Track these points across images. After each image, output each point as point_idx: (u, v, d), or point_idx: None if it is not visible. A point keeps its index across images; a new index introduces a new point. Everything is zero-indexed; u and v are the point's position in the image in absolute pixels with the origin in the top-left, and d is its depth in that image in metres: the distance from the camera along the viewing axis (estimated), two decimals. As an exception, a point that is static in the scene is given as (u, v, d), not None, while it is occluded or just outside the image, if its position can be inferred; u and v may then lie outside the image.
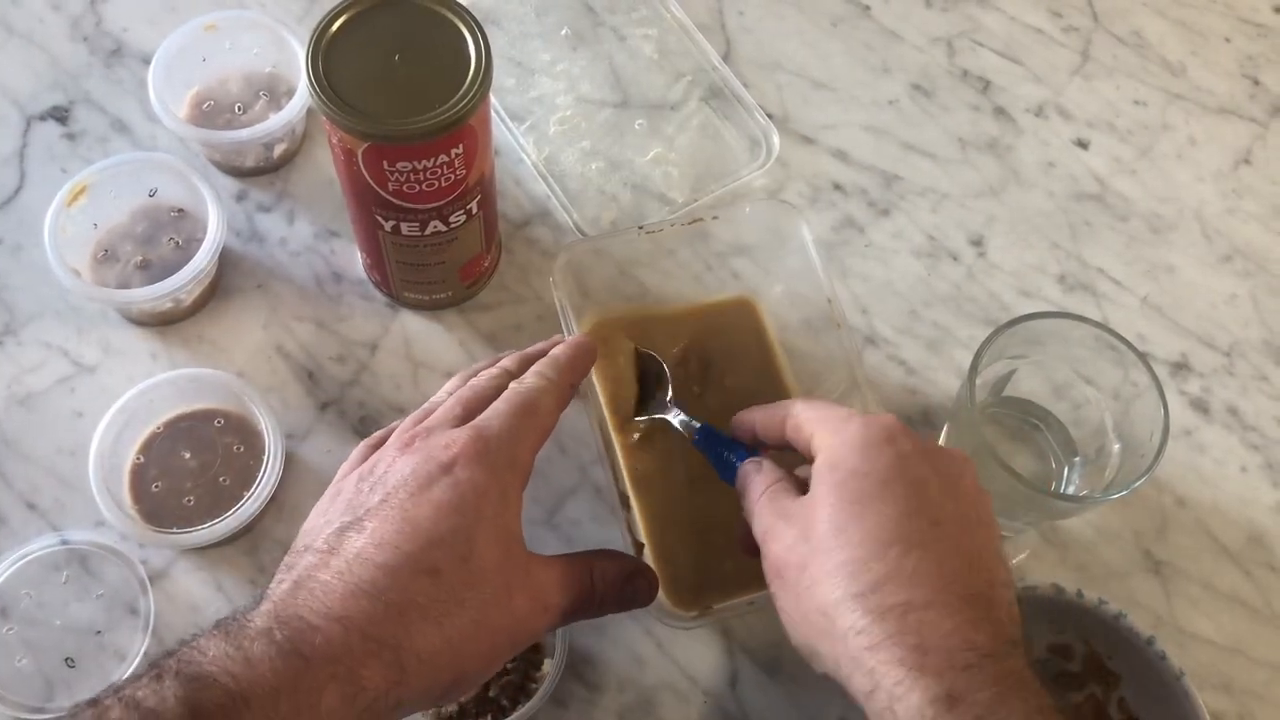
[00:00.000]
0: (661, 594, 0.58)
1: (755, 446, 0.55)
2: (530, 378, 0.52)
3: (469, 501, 0.45)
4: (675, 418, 0.60)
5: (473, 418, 0.49)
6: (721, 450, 0.56)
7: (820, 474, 0.46)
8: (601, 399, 0.62)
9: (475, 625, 0.44)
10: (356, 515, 0.45)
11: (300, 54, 0.67)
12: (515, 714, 0.55)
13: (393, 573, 0.43)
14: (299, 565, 0.44)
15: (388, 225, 0.59)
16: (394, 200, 0.57)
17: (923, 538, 0.43)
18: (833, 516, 0.44)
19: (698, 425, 0.58)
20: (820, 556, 0.44)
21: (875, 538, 0.43)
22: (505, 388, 0.51)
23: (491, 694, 0.57)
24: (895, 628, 0.41)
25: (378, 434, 0.53)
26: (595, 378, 0.62)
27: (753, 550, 0.51)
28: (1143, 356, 0.58)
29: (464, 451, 0.47)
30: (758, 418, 0.53)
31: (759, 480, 0.50)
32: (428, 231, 0.60)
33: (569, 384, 0.53)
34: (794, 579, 0.45)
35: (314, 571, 0.43)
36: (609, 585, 0.51)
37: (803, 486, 0.48)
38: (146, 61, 0.70)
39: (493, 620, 0.45)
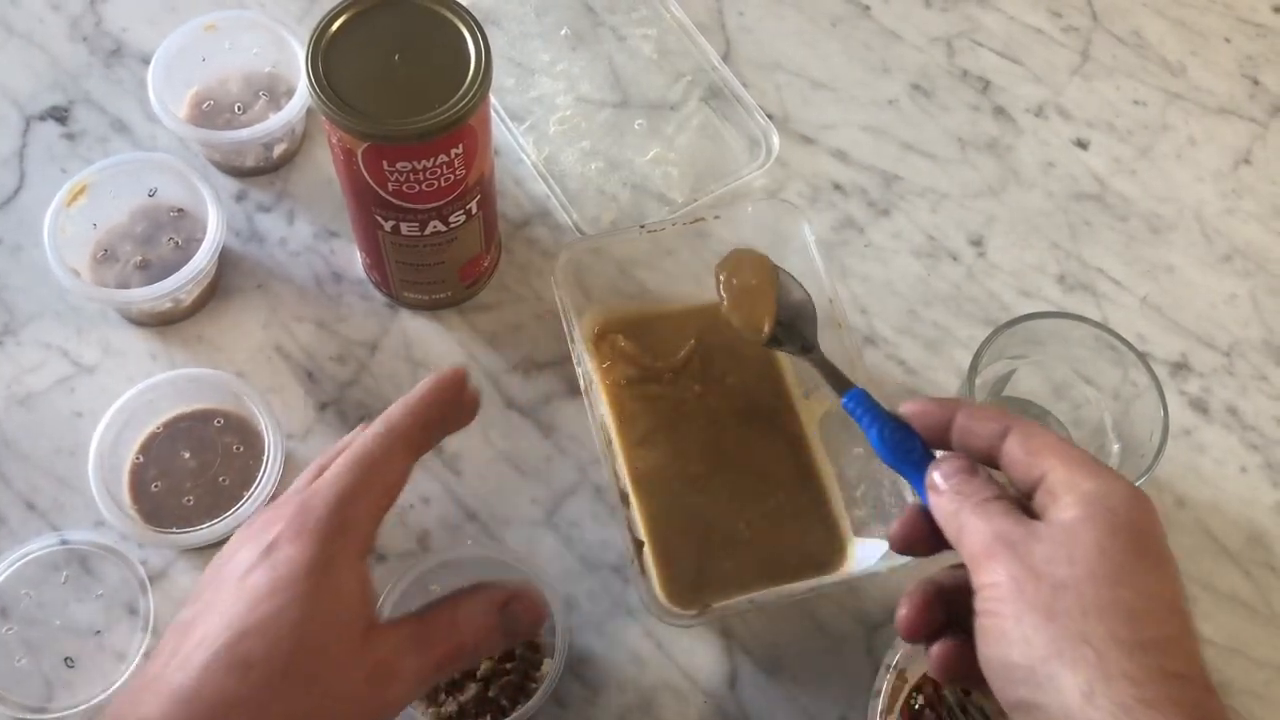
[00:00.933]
0: (661, 594, 0.58)
1: (926, 441, 0.48)
2: (376, 425, 0.49)
3: (284, 582, 0.43)
4: (821, 365, 0.55)
5: None
6: (887, 427, 0.49)
7: (1088, 507, 0.41)
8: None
9: (301, 714, 0.42)
10: (191, 615, 0.44)
11: (300, 54, 0.67)
12: (515, 714, 0.55)
13: (206, 670, 0.41)
14: (145, 670, 0.44)
15: (387, 225, 0.59)
16: (394, 200, 0.57)
17: (1191, 620, 0.41)
18: (1110, 552, 0.40)
19: (853, 387, 0.52)
20: (1092, 585, 0.39)
21: (1159, 597, 0.40)
22: None
23: (491, 694, 0.57)
24: (1178, 695, 0.38)
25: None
26: (720, 283, 0.59)
27: (917, 546, 0.46)
28: (1142, 356, 0.58)
29: (286, 529, 0.44)
30: (963, 417, 0.46)
31: (983, 484, 0.44)
32: (427, 231, 0.60)
33: (417, 426, 0.49)
34: (1047, 597, 0.40)
35: (148, 679, 0.43)
36: (479, 629, 0.47)
37: (1020, 509, 0.43)
38: (146, 61, 0.70)
39: (322, 706, 0.43)
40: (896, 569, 0.55)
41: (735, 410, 0.63)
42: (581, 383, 0.59)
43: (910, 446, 0.48)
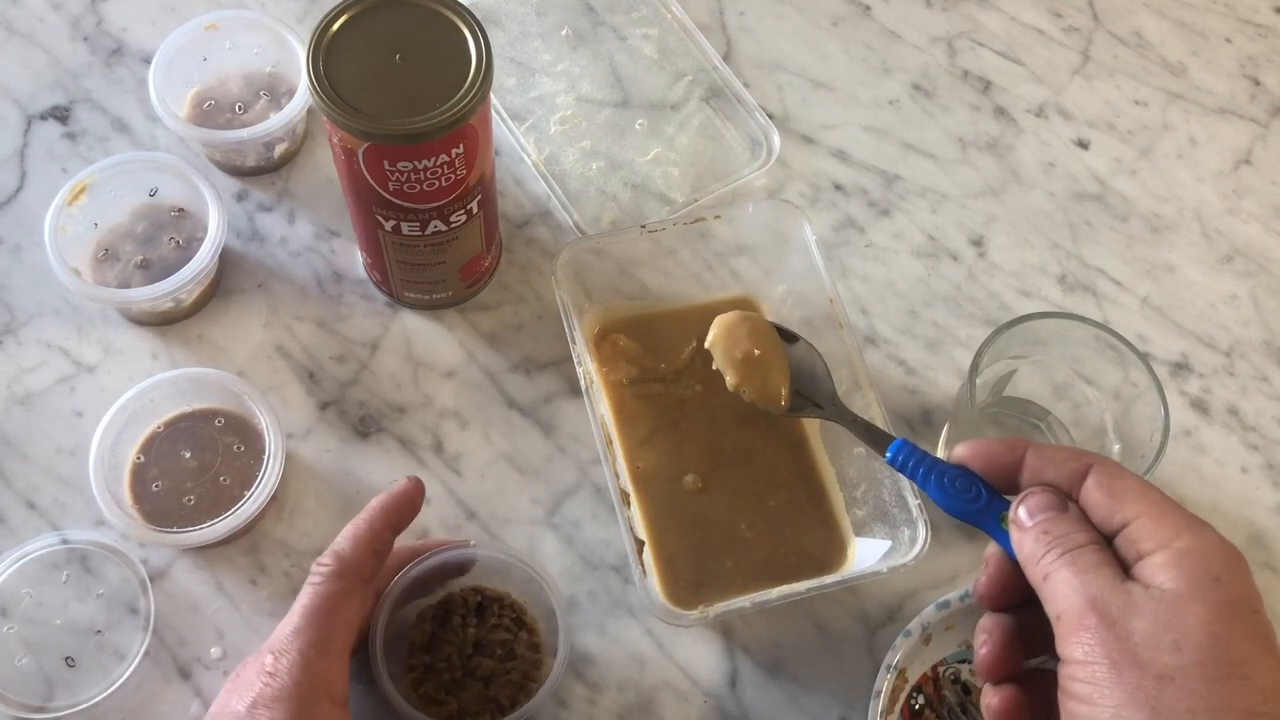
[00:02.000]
0: (662, 594, 0.58)
1: (984, 480, 0.45)
2: (327, 561, 0.51)
3: None
4: (850, 423, 0.53)
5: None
6: (946, 474, 0.46)
7: (1189, 576, 0.37)
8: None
9: None
10: None
11: (300, 53, 0.67)
12: (514, 713, 0.55)
13: None
14: None
15: (388, 225, 0.59)
16: (394, 200, 0.57)
17: None
18: (1221, 638, 0.36)
19: (893, 439, 0.49)
20: (1202, 680, 0.36)
21: (1274, 692, 0.36)
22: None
23: (491, 693, 0.57)
24: None
25: None
26: (718, 359, 0.57)
27: (1009, 597, 0.43)
28: (1143, 357, 0.58)
29: (263, 692, 0.47)
30: (1033, 456, 0.43)
31: (1074, 525, 0.40)
32: (428, 231, 0.60)
33: (369, 555, 0.52)
34: (1151, 691, 0.36)
35: None
36: None
37: (1114, 561, 0.40)
38: (147, 61, 0.70)
39: None
40: (896, 569, 0.55)
41: (736, 410, 0.63)
42: (582, 382, 0.59)
43: (974, 493, 0.45)
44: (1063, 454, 0.42)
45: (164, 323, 0.66)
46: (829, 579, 0.56)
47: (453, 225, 0.60)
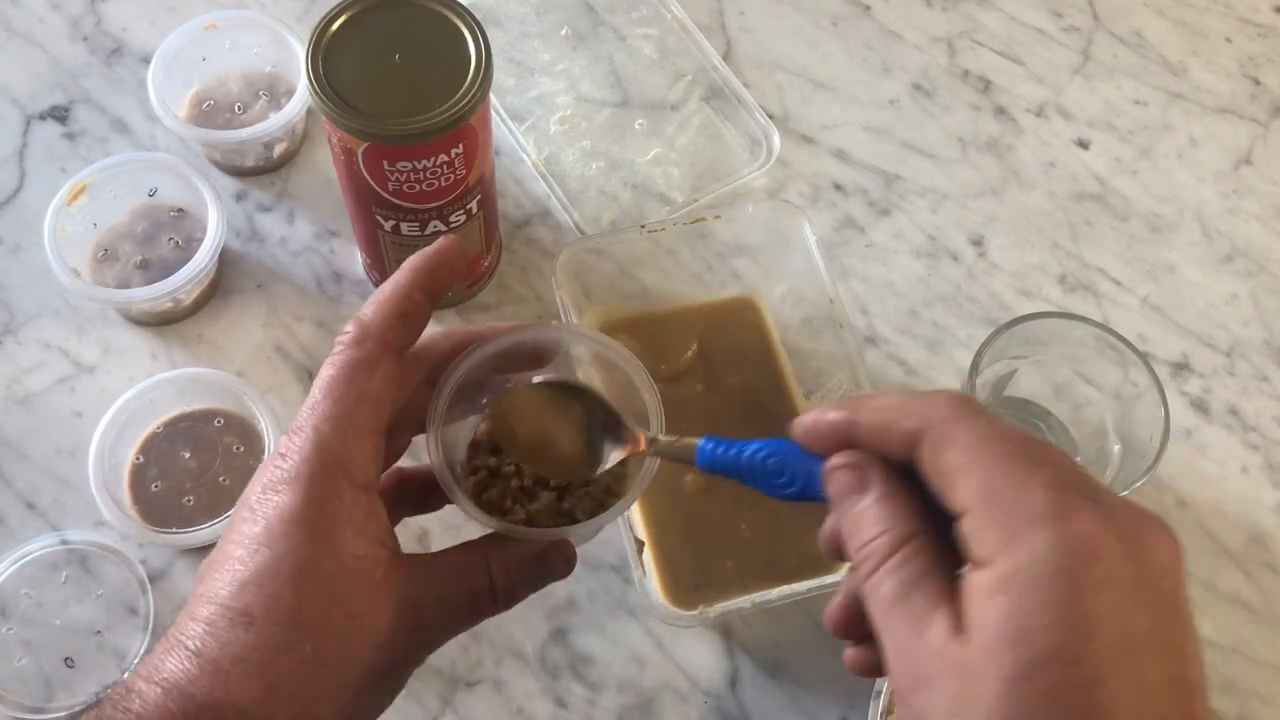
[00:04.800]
0: (661, 594, 0.58)
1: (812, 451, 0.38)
2: (347, 328, 0.44)
3: (277, 533, 0.40)
4: (653, 447, 0.44)
5: None
6: (760, 451, 0.39)
7: (996, 624, 0.29)
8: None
9: (310, 668, 0.39)
10: (211, 556, 0.42)
11: (300, 53, 0.67)
12: (590, 520, 0.47)
13: (210, 624, 0.39)
14: (188, 604, 0.41)
15: (388, 225, 0.59)
16: (394, 200, 0.57)
17: None
18: (1006, 708, 0.29)
19: (695, 441, 0.42)
20: None
21: None
22: None
23: (565, 505, 0.50)
24: None
25: None
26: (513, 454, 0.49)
27: (844, 625, 0.39)
28: (1143, 357, 0.58)
29: (280, 469, 0.42)
30: (863, 429, 0.35)
31: (872, 522, 0.34)
32: (428, 231, 0.60)
33: (392, 319, 0.44)
34: None
35: (169, 633, 0.41)
36: (514, 574, 0.45)
37: (925, 577, 0.32)
38: (146, 61, 0.70)
39: (339, 653, 0.40)
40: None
41: (737, 410, 0.63)
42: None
43: (787, 478, 0.38)
44: (891, 416, 0.34)
45: (163, 323, 0.66)
46: (829, 579, 0.56)
47: (452, 225, 0.60)
